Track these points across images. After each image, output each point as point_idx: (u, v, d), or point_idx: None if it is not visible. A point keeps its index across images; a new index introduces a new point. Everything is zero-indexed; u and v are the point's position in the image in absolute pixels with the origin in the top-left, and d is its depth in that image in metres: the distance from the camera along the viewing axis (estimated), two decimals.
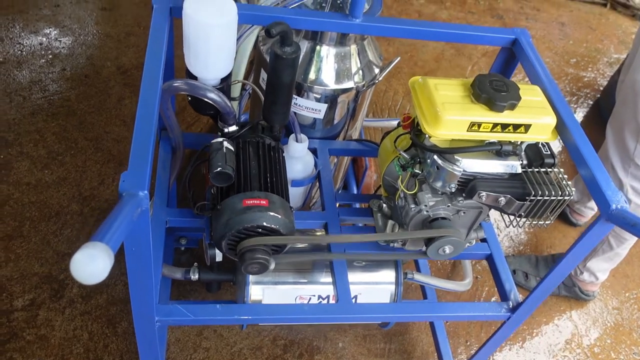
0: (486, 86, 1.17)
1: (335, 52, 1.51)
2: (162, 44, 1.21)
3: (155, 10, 1.28)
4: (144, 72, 1.15)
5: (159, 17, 1.27)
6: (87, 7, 2.86)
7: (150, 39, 1.22)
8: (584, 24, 3.82)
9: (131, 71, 2.57)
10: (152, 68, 1.14)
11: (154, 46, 1.20)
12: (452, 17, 3.50)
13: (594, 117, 3.09)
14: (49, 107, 2.33)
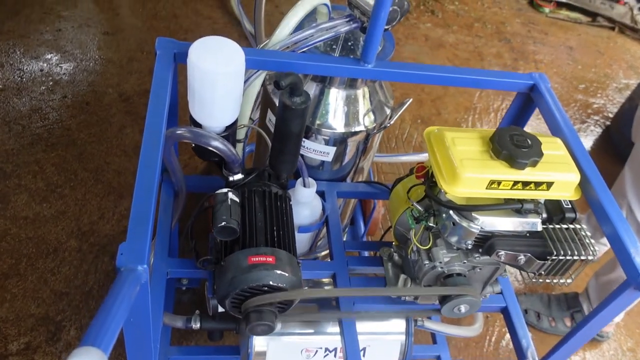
0: (506, 141, 1.11)
1: (345, 94, 1.46)
2: (165, 94, 1.16)
3: (158, 56, 1.23)
4: (145, 126, 1.10)
5: (163, 64, 1.21)
6: (89, 32, 2.81)
7: (153, 88, 1.17)
8: (592, 48, 3.77)
9: (133, 98, 2.52)
10: (155, 123, 1.09)
11: (157, 97, 1.14)
12: (459, 40, 3.46)
13: (604, 145, 3.03)
14: (48, 137, 2.28)
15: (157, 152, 1.02)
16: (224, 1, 3.23)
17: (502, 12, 3.88)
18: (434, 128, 1.22)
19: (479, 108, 2.99)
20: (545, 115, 1.32)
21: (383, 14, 1.20)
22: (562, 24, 3.95)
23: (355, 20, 1.36)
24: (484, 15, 3.77)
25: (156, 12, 3.04)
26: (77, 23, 2.84)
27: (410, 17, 3.51)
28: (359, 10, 1.34)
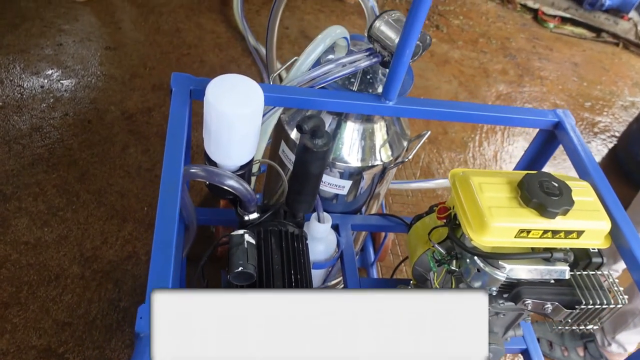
0: (536, 189, 1.07)
1: (362, 128, 1.42)
2: (182, 133, 1.11)
3: (174, 93, 1.18)
4: (163, 169, 1.06)
5: (179, 102, 1.17)
6: (91, 46, 2.76)
7: (170, 127, 1.12)
8: (597, 64, 3.75)
9: (136, 116, 2.47)
10: (172, 166, 1.04)
11: (174, 137, 1.10)
12: (465, 56, 3.42)
13: (611, 165, 3.00)
14: (49, 157, 2.22)
15: (175, 205, 0.98)
16: (228, 15, 3.18)
17: (507, 27, 3.85)
18: (459, 170, 1.18)
19: (486, 127, 2.95)
20: (571, 154, 1.28)
21: (408, 51, 1.16)
22: (566, 40, 3.93)
23: (375, 55, 1.32)
24: (489, 31, 3.74)
25: (159, 26, 2.99)
26: (79, 37, 2.79)
27: None
28: (379, 44, 1.30)
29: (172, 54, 2.83)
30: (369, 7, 1.43)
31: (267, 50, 1.75)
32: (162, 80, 2.67)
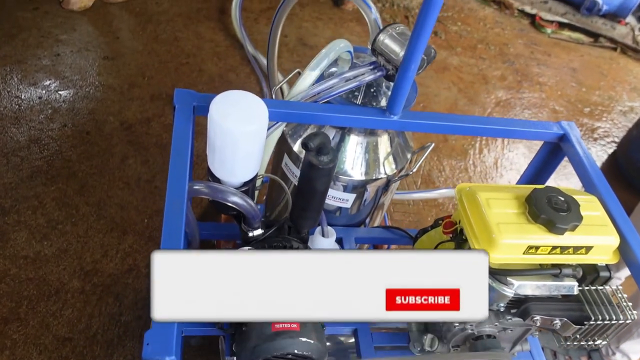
0: (544, 204, 1.06)
1: (365, 141, 1.41)
2: (186, 150, 1.10)
3: (177, 110, 1.17)
4: (168, 187, 1.04)
5: (182, 119, 1.15)
6: (89, 56, 2.74)
7: (174, 144, 1.11)
8: (595, 69, 3.75)
9: (135, 126, 2.45)
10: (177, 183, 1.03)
11: (178, 155, 1.09)
12: (463, 63, 3.42)
13: (611, 170, 3.00)
14: (48, 169, 2.20)
15: (180, 225, 0.96)
16: (226, 23, 3.17)
17: (505, 32, 3.85)
18: (465, 185, 1.17)
19: None
20: (576, 167, 1.27)
21: (413, 66, 1.15)
22: (564, 45, 3.93)
23: (379, 68, 1.31)
24: (487, 37, 3.74)
25: (157, 35, 2.98)
26: (76, 47, 2.77)
27: None
28: (384, 58, 1.29)
29: (170, 63, 2.82)
30: (372, 20, 1.42)
31: (268, 60, 1.74)
32: (161, 90, 2.66)
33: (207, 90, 2.71)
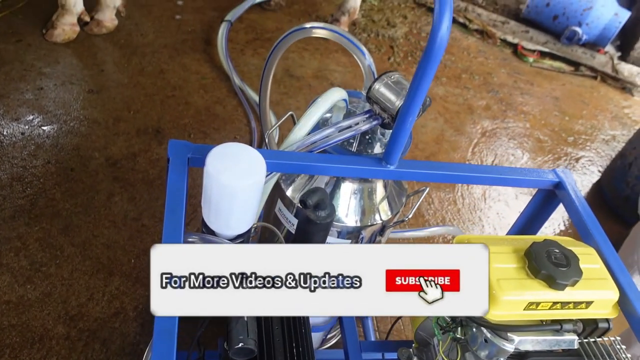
0: (544, 259, 1.05)
1: (360, 188, 1.39)
2: (181, 205, 1.08)
3: (171, 163, 1.14)
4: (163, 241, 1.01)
5: (176, 172, 1.13)
6: (73, 90, 2.70)
7: (168, 199, 1.08)
8: (577, 98, 3.81)
9: (121, 162, 2.41)
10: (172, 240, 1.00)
11: (173, 211, 1.06)
12: (449, 93, 3.45)
13: (596, 200, 3.03)
14: (31, 208, 2.15)
15: None
16: (212, 55, 3.16)
17: (488, 62, 3.90)
18: (464, 238, 1.16)
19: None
20: (573, 216, 1.27)
21: (410, 119, 1.14)
22: (546, 74, 3.99)
23: (375, 117, 1.30)
24: (471, 66, 3.79)
25: (142, 67, 2.95)
26: (60, 80, 2.73)
27: (399, 68, 3.50)
28: (379, 106, 1.29)
29: (156, 96, 2.80)
30: (366, 66, 1.42)
31: (261, 100, 1.73)
32: (147, 123, 2.63)
33: (193, 124, 2.71)
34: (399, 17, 4.10)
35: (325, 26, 1.43)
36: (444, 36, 1.00)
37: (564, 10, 4.14)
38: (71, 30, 2.96)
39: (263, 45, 3.39)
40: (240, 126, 2.77)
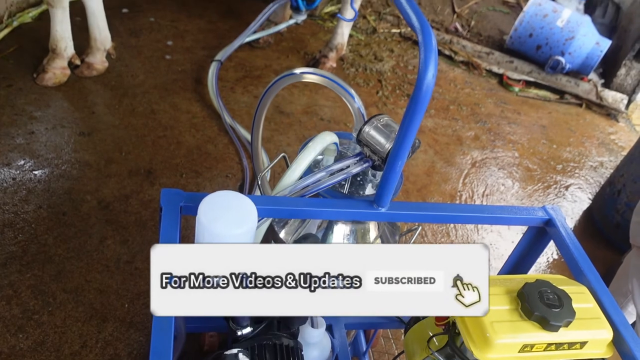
0: (536, 301, 1.06)
1: (353, 229, 1.40)
2: None
3: (164, 212, 1.15)
4: None
5: (170, 221, 1.13)
6: (64, 133, 2.72)
7: None
8: (563, 125, 3.87)
9: (113, 205, 2.41)
10: None
11: None
12: (438, 124, 3.50)
13: (587, 228, 3.06)
14: (23, 255, 2.14)
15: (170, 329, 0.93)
16: (202, 94, 3.20)
17: (475, 92, 3.97)
18: None
19: (465, 196, 2.98)
20: (564, 253, 1.28)
21: (400, 162, 1.16)
22: (532, 103, 4.06)
23: (365, 160, 1.32)
24: (458, 97, 3.85)
25: (133, 108, 2.98)
26: (51, 124, 2.74)
27: (387, 102, 3.55)
28: (369, 149, 1.31)
29: (147, 137, 2.81)
30: (355, 109, 1.44)
31: (253, 140, 1.74)
32: (139, 165, 2.63)
33: (185, 164, 2.72)
34: (386, 51, 4.17)
35: (315, 71, 1.46)
36: (429, 83, 1.03)
37: (546, 40, 4.23)
38: (62, 74, 2.98)
39: (252, 82, 3.44)
40: (232, 164, 2.79)
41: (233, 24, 3.95)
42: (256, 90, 3.35)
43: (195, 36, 3.75)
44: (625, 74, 4.33)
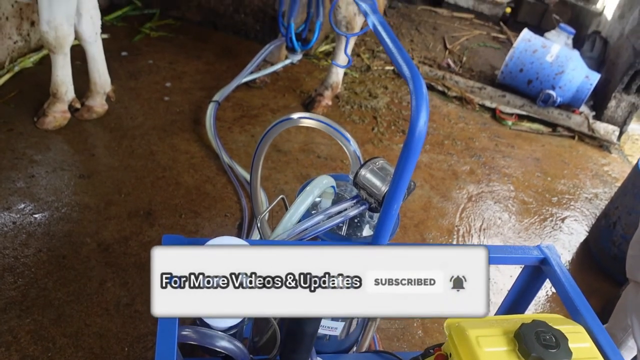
0: (533, 341, 1.07)
1: None
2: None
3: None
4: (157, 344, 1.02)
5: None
6: (64, 176, 2.75)
7: None
8: (557, 158, 3.93)
9: (113, 247, 2.43)
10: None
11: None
12: (433, 159, 3.54)
13: (584, 259, 3.07)
14: (22, 300, 2.14)
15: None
16: (201, 134, 3.25)
17: (469, 127, 4.03)
18: (454, 321, 1.18)
19: (462, 230, 3.01)
20: (560, 292, 1.30)
21: (396, 206, 1.19)
22: (525, 136, 4.12)
23: (362, 202, 1.35)
24: (453, 132, 3.91)
25: (132, 149, 3.02)
26: (51, 167, 2.78)
27: (383, 138, 3.60)
28: (366, 192, 1.34)
29: (147, 178, 2.84)
30: (351, 152, 1.48)
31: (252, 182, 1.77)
32: (138, 206, 2.66)
33: (184, 204, 2.74)
34: (380, 87, 4.25)
35: (312, 116, 1.50)
36: (421, 130, 1.07)
37: (537, 75, 4.32)
38: (62, 117, 3.03)
39: (250, 121, 3.49)
40: (230, 204, 2.81)
41: (230, 65, 4.03)
42: (253, 130, 3.41)
43: (193, 77, 3.82)
44: (615, 106, 4.41)
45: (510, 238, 3.08)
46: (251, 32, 4.49)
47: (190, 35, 4.34)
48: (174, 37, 4.28)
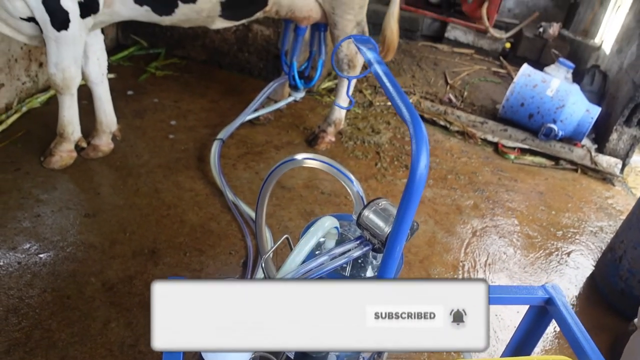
0: None
1: None
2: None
3: None
4: None
5: None
6: (70, 215, 2.76)
7: None
8: (560, 191, 3.93)
9: (117, 286, 2.42)
10: None
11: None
12: (436, 194, 3.55)
13: (591, 294, 3.04)
14: (26, 341, 2.13)
15: None
16: (205, 171, 3.27)
17: (472, 161, 4.05)
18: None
19: (467, 265, 2.99)
20: (566, 333, 1.29)
21: (399, 248, 1.20)
22: (528, 169, 4.14)
23: (365, 243, 1.35)
24: (455, 167, 3.92)
25: (137, 188, 3.04)
26: (57, 206, 2.80)
27: (386, 173, 3.62)
28: (369, 232, 1.34)
29: (151, 216, 2.86)
30: (355, 192, 1.49)
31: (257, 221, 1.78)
32: (143, 245, 2.67)
33: (188, 242, 2.75)
34: (383, 123, 4.29)
35: (315, 157, 1.52)
36: (422, 173, 1.08)
37: (538, 109, 4.37)
38: (68, 157, 3.07)
39: (254, 158, 3.52)
40: (235, 241, 2.82)
41: (234, 102, 4.09)
42: (257, 166, 3.43)
43: (198, 115, 3.88)
44: (617, 138, 4.44)
45: (516, 273, 3.06)
46: (255, 70, 4.57)
47: (195, 74, 4.42)
48: (179, 75, 4.36)
